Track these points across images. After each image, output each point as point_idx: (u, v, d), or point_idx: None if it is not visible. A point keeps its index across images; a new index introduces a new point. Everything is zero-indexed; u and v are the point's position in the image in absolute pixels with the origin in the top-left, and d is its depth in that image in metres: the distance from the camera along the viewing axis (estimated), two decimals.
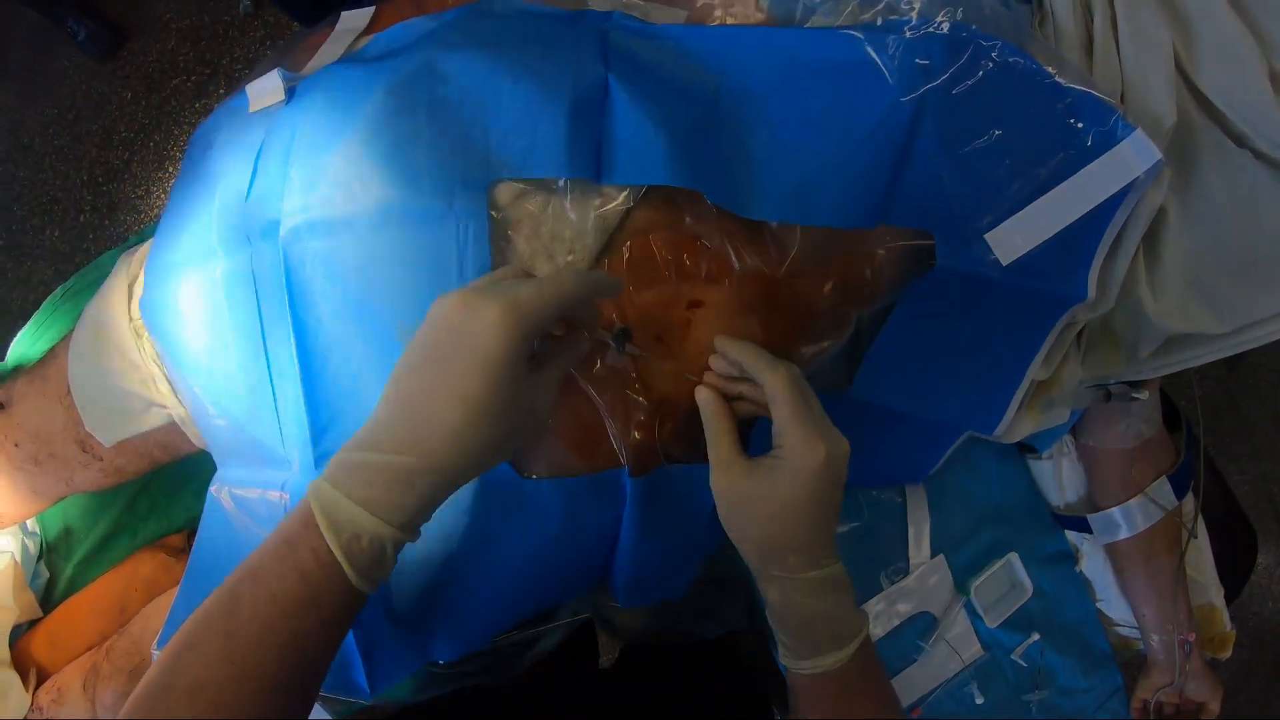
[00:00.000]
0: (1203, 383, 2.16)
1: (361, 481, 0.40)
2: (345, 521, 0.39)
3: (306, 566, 0.39)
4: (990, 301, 0.56)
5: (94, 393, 0.66)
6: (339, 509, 0.39)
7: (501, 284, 0.42)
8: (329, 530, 0.38)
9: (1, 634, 0.74)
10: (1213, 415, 2.16)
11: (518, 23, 0.52)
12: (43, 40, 2.03)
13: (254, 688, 0.38)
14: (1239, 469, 2.16)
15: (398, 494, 0.40)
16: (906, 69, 0.49)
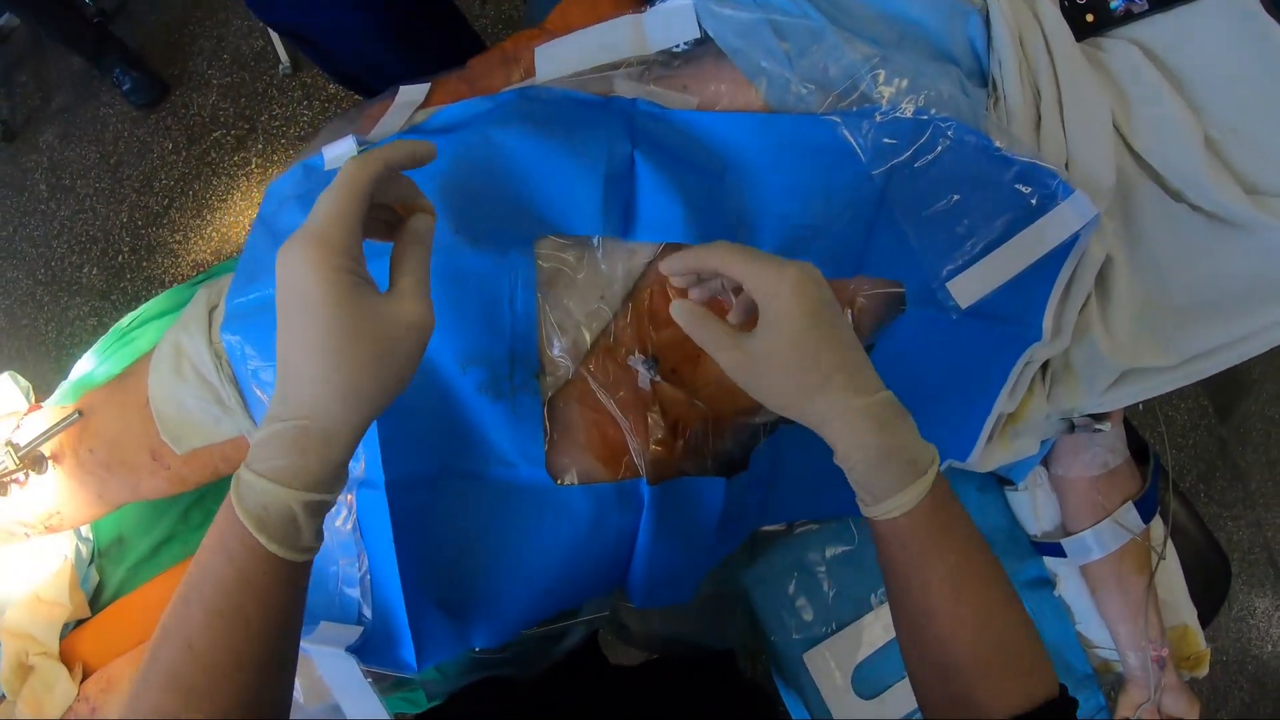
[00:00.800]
0: (1194, 431, 2.20)
1: (266, 455, 0.40)
2: (251, 496, 0.39)
3: (232, 549, 0.39)
4: (958, 342, 0.64)
5: (170, 406, 0.72)
6: (250, 487, 0.39)
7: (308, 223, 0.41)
8: (239, 508, 0.39)
9: (53, 628, 0.78)
10: (1206, 464, 2.19)
11: (559, 106, 0.62)
12: (88, 86, 2.12)
13: (212, 671, 0.39)
14: (1233, 515, 2.19)
15: (295, 457, 0.39)
16: (876, 148, 0.59)
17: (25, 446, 0.73)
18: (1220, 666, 2.08)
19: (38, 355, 1.94)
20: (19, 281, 1.99)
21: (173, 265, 1.99)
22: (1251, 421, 2.30)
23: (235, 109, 2.09)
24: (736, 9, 0.62)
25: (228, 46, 2.14)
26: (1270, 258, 0.69)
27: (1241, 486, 2.23)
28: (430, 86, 0.73)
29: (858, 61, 0.60)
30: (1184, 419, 2.21)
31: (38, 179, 2.08)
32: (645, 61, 0.66)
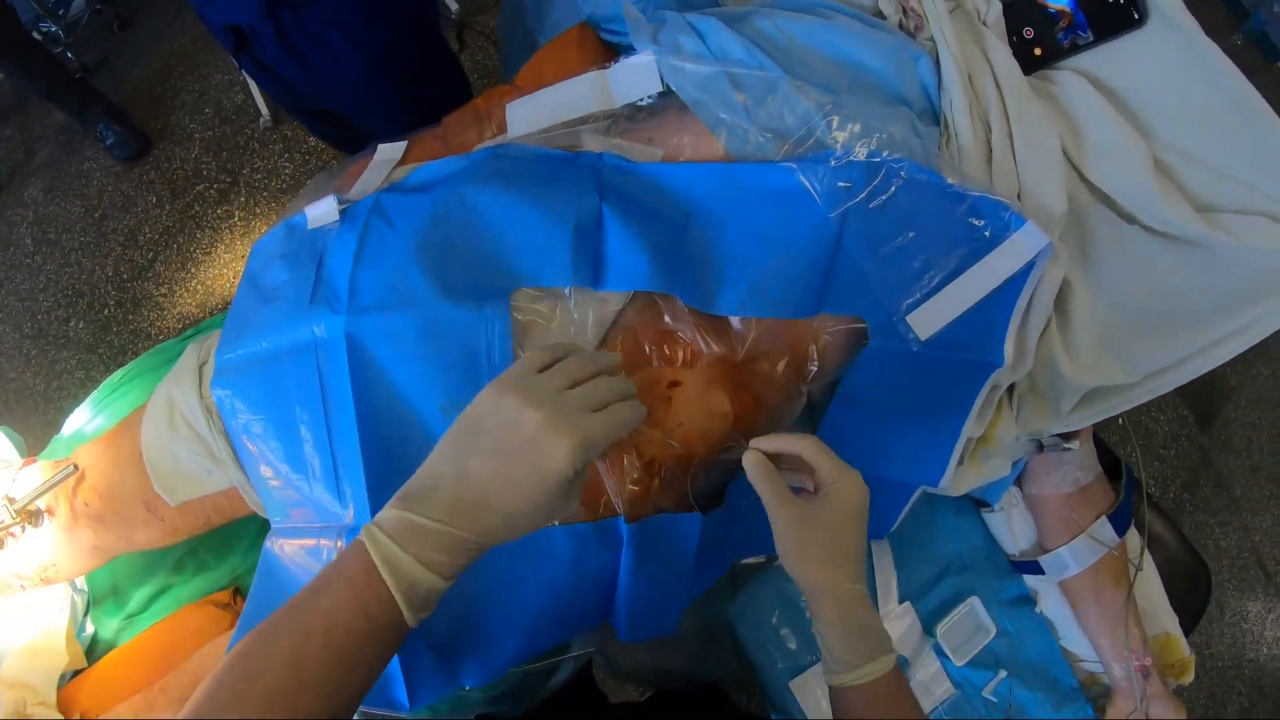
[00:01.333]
0: (1175, 441, 2.23)
1: (419, 543, 0.46)
2: (405, 573, 0.46)
3: (369, 606, 0.45)
4: (924, 373, 0.67)
5: (163, 459, 0.74)
6: (399, 563, 0.46)
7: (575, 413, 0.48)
8: (392, 580, 0.45)
9: (51, 678, 0.80)
10: (1189, 473, 2.21)
11: (530, 163, 0.66)
12: (72, 141, 2.14)
13: (318, 694, 0.44)
14: (1220, 522, 2.20)
15: (450, 556, 0.47)
16: (831, 191, 0.62)
17: (21, 501, 0.75)
18: (1216, 673, 2.09)
19: (26, 408, 1.93)
20: (6, 335, 2.00)
21: (159, 318, 2.00)
22: (1232, 428, 2.33)
23: (217, 162, 2.11)
24: (696, 63, 0.65)
25: (209, 100, 2.17)
26: (1224, 272, 0.71)
27: (1226, 494, 2.25)
28: (407, 144, 0.76)
29: (812, 109, 0.63)
30: (1164, 430, 2.24)
31: (23, 233, 2.09)
32: (612, 115, 0.69)
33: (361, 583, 0.46)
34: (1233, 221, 0.70)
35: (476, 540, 0.48)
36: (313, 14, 0.96)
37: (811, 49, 0.69)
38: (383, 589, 0.46)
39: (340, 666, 0.45)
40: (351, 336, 0.62)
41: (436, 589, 0.47)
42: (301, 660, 0.45)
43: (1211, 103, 0.72)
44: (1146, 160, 0.71)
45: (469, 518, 0.47)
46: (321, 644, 0.45)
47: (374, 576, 0.46)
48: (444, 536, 0.47)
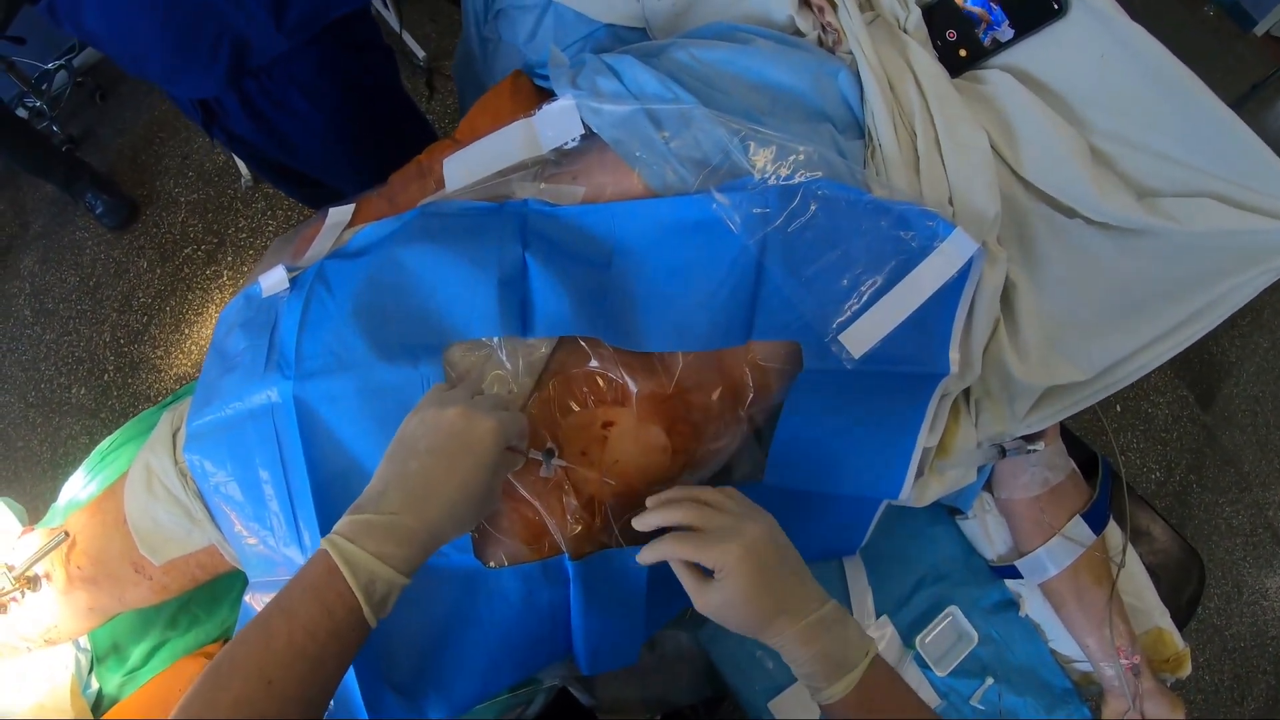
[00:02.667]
0: (1177, 424, 2.21)
1: (374, 538, 0.50)
2: (362, 570, 0.49)
3: (332, 605, 0.48)
4: (868, 389, 0.66)
5: (146, 521, 0.77)
6: (357, 559, 0.49)
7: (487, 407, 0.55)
8: (351, 577, 0.49)
9: None
10: (1194, 454, 2.19)
11: (455, 219, 0.67)
12: (63, 211, 2.20)
13: (286, 702, 0.46)
14: (1230, 501, 2.18)
15: (403, 548, 0.50)
16: (748, 218, 0.62)
17: (19, 568, 0.78)
18: (1239, 653, 2.05)
19: (34, 475, 1.98)
20: (11, 405, 2.05)
21: (156, 380, 2.04)
22: (1235, 404, 2.31)
23: (204, 224, 2.17)
24: (614, 103, 0.67)
25: (192, 164, 2.23)
26: (1172, 258, 0.70)
27: (1234, 470, 2.22)
28: (356, 206, 0.78)
29: (726, 136, 0.64)
30: (1164, 413, 2.22)
31: (21, 304, 2.15)
32: (540, 161, 0.71)
33: (323, 584, 0.49)
34: (1175, 206, 0.69)
35: (426, 530, 0.51)
36: (274, 77, 0.99)
37: (729, 75, 0.70)
38: (344, 587, 0.48)
39: (305, 668, 0.47)
40: (299, 400, 0.64)
41: (395, 584, 0.50)
42: (266, 664, 0.47)
43: (1142, 86, 0.71)
44: (1081, 152, 0.71)
45: (417, 509, 0.52)
46: (285, 646, 0.47)
47: (335, 577, 0.49)
48: (397, 528, 0.51)
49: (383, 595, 0.50)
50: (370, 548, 0.50)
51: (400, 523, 0.51)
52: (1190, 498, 2.15)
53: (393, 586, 0.50)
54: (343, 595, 0.48)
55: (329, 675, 0.49)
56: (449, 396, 0.57)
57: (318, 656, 0.48)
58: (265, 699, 0.46)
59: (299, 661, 0.47)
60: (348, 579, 0.48)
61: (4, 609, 0.79)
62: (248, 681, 0.46)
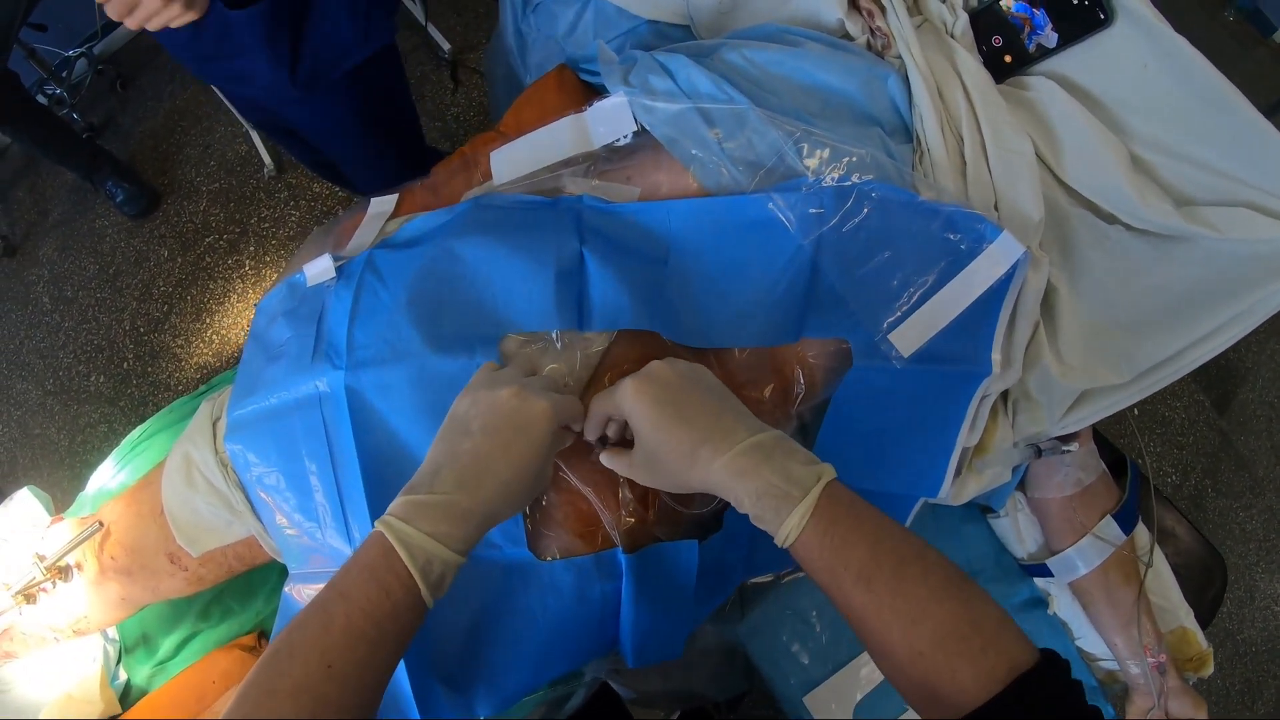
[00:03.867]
0: (1194, 428, 2.21)
1: (429, 519, 0.50)
2: (418, 550, 0.48)
3: (390, 586, 0.48)
4: (912, 388, 0.67)
5: (184, 512, 0.77)
6: (413, 540, 0.49)
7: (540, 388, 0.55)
8: (409, 558, 0.48)
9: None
10: (1210, 458, 2.19)
11: (511, 211, 0.68)
12: (83, 199, 2.19)
13: (345, 685, 0.46)
14: (1244, 505, 2.18)
15: (458, 527, 0.50)
16: (804, 218, 0.63)
17: (51, 558, 0.78)
18: (1250, 658, 2.06)
19: (52, 464, 1.98)
20: (29, 393, 2.04)
21: (176, 369, 2.03)
22: (1251, 410, 2.31)
23: (225, 213, 2.16)
24: (667, 101, 0.67)
25: (214, 153, 2.22)
26: (1209, 265, 0.70)
27: (1249, 475, 2.23)
28: (399, 196, 0.78)
29: (781, 138, 0.65)
30: (1181, 417, 2.22)
31: (40, 292, 2.14)
32: (591, 157, 0.71)
33: (380, 566, 0.48)
34: (1213, 214, 0.70)
35: (480, 510, 0.51)
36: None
37: (781, 77, 0.71)
38: (400, 568, 0.48)
39: (364, 650, 0.47)
40: (351, 390, 0.64)
41: (451, 563, 0.50)
42: (326, 648, 0.46)
43: (1183, 96, 0.72)
44: (1122, 159, 0.71)
45: (471, 489, 0.51)
46: (344, 629, 0.47)
47: (391, 558, 0.48)
48: (452, 508, 0.50)
49: (439, 575, 0.50)
50: (425, 528, 0.49)
51: (455, 502, 0.51)
52: (1205, 502, 2.16)
53: (449, 566, 0.50)
54: (400, 576, 0.48)
55: (388, 656, 0.49)
56: (501, 377, 0.57)
57: (377, 639, 0.47)
58: (326, 683, 0.45)
59: (359, 644, 0.47)
60: (404, 560, 0.48)
61: (34, 600, 0.79)
62: (307, 666, 0.46)
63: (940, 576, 0.47)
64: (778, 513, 0.49)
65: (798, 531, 0.49)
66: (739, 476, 0.51)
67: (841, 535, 0.49)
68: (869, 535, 0.49)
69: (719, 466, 0.51)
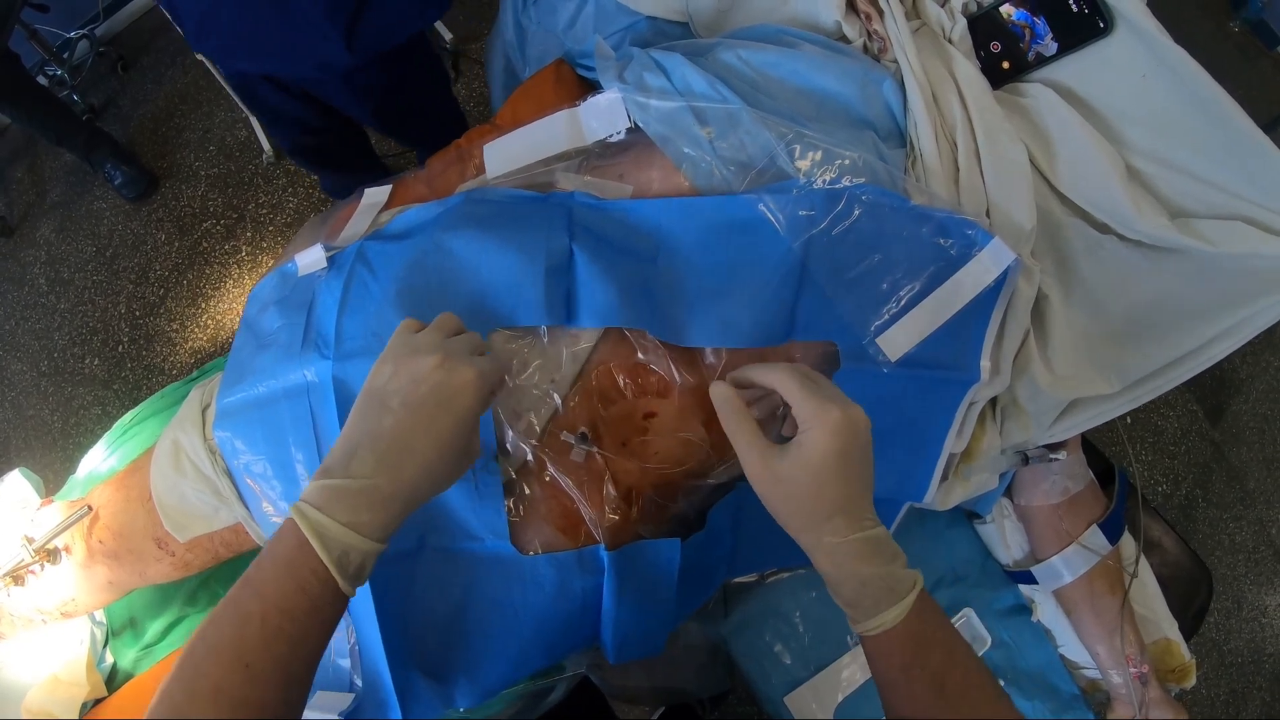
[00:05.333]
0: (1186, 438, 2.21)
1: (345, 506, 0.46)
2: (335, 542, 0.45)
3: (306, 581, 0.45)
4: (900, 392, 0.68)
5: (172, 498, 0.77)
6: (328, 531, 0.45)
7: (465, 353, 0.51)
8: (323, 551, 0.45)
9: (72, 707, 0.83)
10: (1201, 468, 2.20)
11: (502, 206, 0.68)
12: (81, 181, 2.19)
13: (266, 684, 0.44)
14: (1234, 517, 2.18)
15: (378, 514, 0.47)
16: (794, 220, 0.63)
17: (40, 540, 0.78)
18: (1236, 669, 2.07)
19: (44, 445, 1.98)
20: (24, 373, 2.05)
21: (171, 353, 2.03)
22: (1244, 421, 2.31)
23: (223, 199, 2.16)
24: (661, 98, 0.67)
25: (213, 138, 2.22)
26: (1202, 278, 0.70)
27: (1240, 487, 2.23)
28: (392, 188, 0.78)
29: (773, 139, 0.65)
30: (1174, 427, 2.23)
31: (36, 273, 2.14)
32: (584, 152, 0.71)
33: (295, 559, 0.45)
34: (1207, 227, 0.70)
35: (402, 494, 0.48)
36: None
37: (775, 79, 0.71)
38: (316, 562, 0.45)
39: (283, 648, 0.45)
40: (339, 380, 0.64)
41: (369, 553, 0.47)
42: (243, 648, 0.44)
43: (1181, 107, 0.71)
44: (1117, 170, 0.71)
45: (391, 473, 0.48)
46: (260, 627, 0.45)
47: (306, 551, 0.45)
48: (371, 493, 0.47)
49: (358, 566, 0.47)
50: (342, 517, 0.46)
51: (374, 487, 0.47)
52: (1195, 512, 2.16)
53: (368, 556, 0.47)
54: (316, 571, 0.45)
55: (310, 651, 0.47)
56: (421, 342, 0.52)
57: (296, 636, 0.45)
58: (245, 684, 0.44)
59: (276, 642, 0.45)
60: (320, 554, 0.45)
61: (22, 581, 0.79)
62: (224, 667, 0.44)
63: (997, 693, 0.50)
64: (877, 605, 0.50)
65: (889, 626, 0.49)
66: (854, 560, 0.50)
67: (924, 638, 0.50)
68: (945, 642, 0.51)
69: (847, 542, 0.50)
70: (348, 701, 0.65)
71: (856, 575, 0.50)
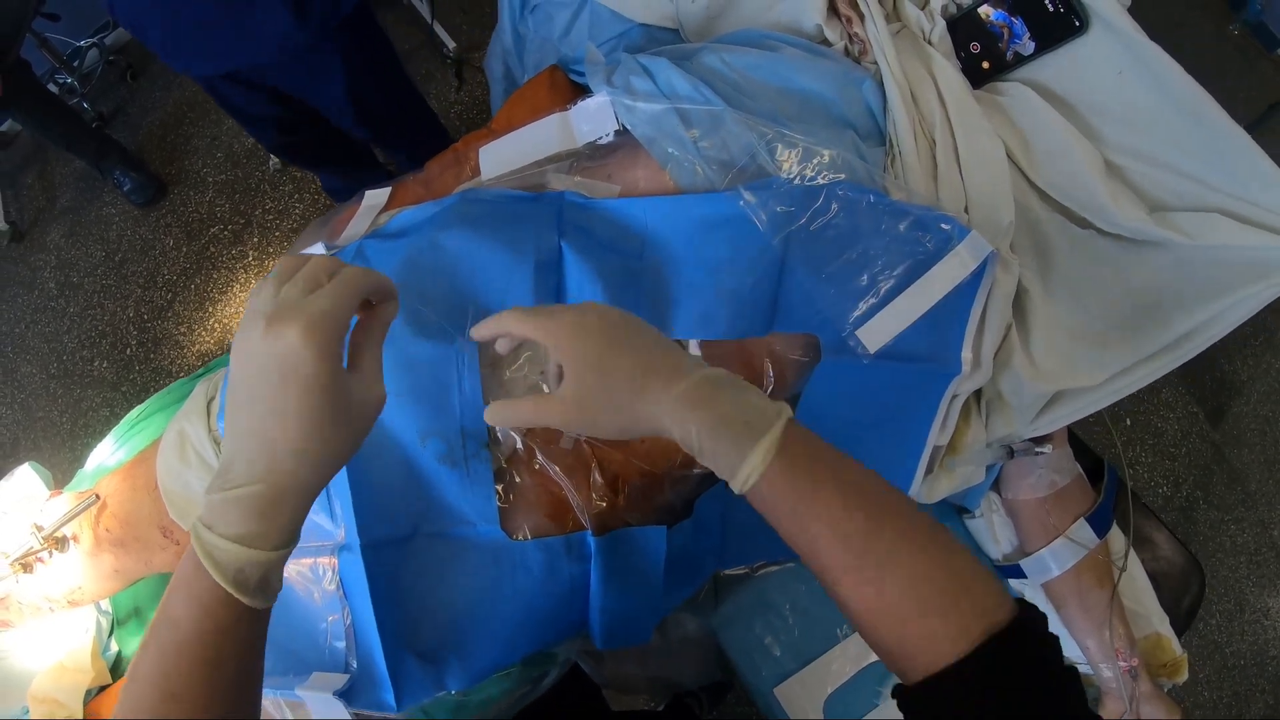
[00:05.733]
0: (1187, 439, 2.21)
1: (231, 520, 0.42)
2: (228, 562, 0.42)
3: (208, 605, 0.42)
4: (882, 384, 0.69)
5: (177, 486, 0.79)
6: (220, 551, 0.42)
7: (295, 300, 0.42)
8: (217, 573, 0.42)
9: (77, 693, 0.84)
10: (1202, 470, 2.19)
11: (495, 205, 0.70)
12: (91, 187, 2.22)
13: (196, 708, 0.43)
14: (1235, 519, 2.17)
15: (265, 523, 0.42)
16: (774, 216, 0.65)
17: (49, 528, 0.80)
18: (1239, 671, 2.06)
19: (53, 445, 2.01)
20: (33, 375, 2.07)
21: (179, 356, 2.06)
22: (1245, 423, 2.31)
23: (231, 205, 2.19)
24: (647, 101, 0.70)
25: (221, 145, 2.25)
26: (1178, 270, 0.71)
27: (1241, 489, 2.22)
28: (392, 190, 0.80)
29: (754, 139, 0.67)
30: (1174, 428, 2.23)
31: (46, 277, 2.17)
32: (574, 154, 0.73)
33: (195, 583, 0.43)
34: (1184, 220, 0.71)
35: (285, 492, 0.43)
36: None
37: (758, 81, 0.73)
38: (212, 584, 0.42)
39: (204, 672, 0.43)
40: None
41: (270, 563, 0.43)
42: (167, 680, 0.43)
43: (1157, 103, 0.72)
44: (1095, 165, 0.72)
45: (264, 471, 0.43)
46: (177, 656, 0.43)
47: (202, 573, 0.42)
48: (252, 500, 0.42)
49: (260, 579, 0.43)
50: (230, 531, 0.42)
51: (253, 493, 0.42)
52: (1196, 514, 2.16)
53: (268, 566, 0.43)
54: (215, 594, 0.42)
55: (237, 670, 0.45)
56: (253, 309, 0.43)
57: (214, 659, 0.43)
58: (178, 712, 0.43)
59: (197, 668, 0.43)
60: (215, 576, 0.42)
61: (30, 569, 0.81)
62: (153, 699, 0.43)
63: (913, 524, 0.43)
64: (738, 446, 0.44)
65: (760, 470, 0.43)
66: (693, 408, 0.44)
67: (806, 475, 0.44)
68: (835, 476, 0.44)
69: (672, 397, 0.45)
70: (342, 681, 0.67)
71: (700, 420, 0.44)
